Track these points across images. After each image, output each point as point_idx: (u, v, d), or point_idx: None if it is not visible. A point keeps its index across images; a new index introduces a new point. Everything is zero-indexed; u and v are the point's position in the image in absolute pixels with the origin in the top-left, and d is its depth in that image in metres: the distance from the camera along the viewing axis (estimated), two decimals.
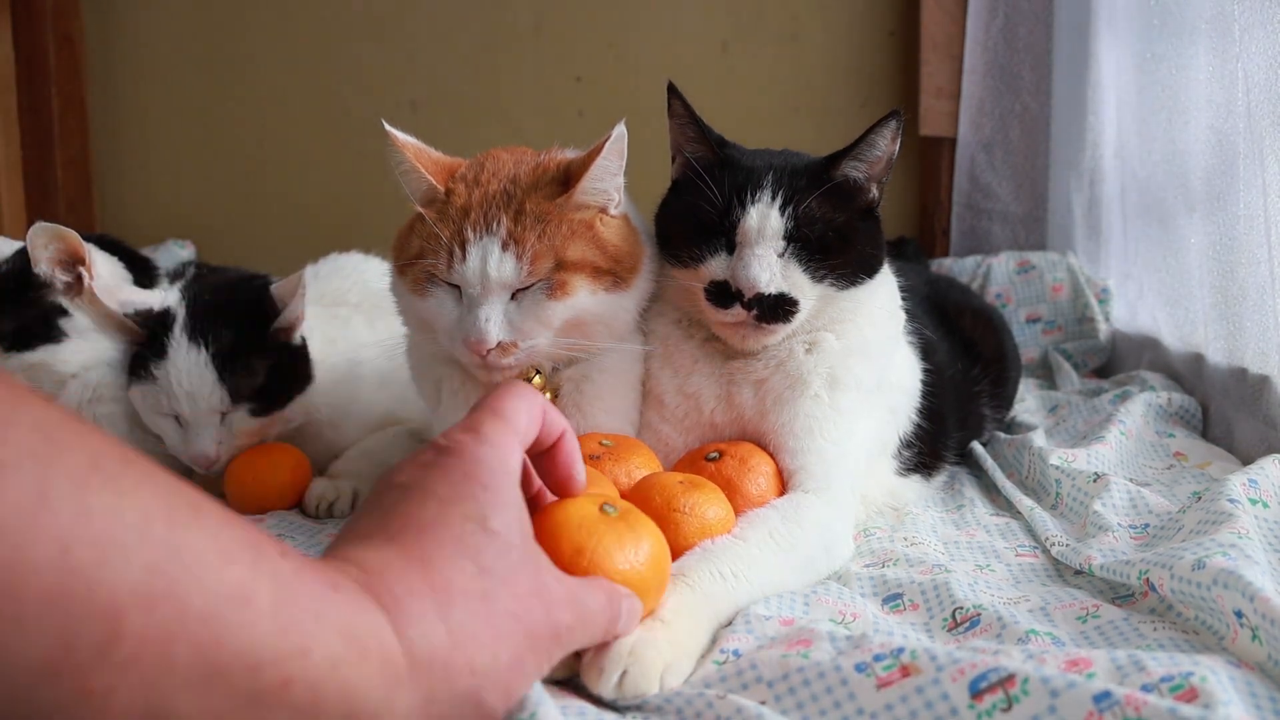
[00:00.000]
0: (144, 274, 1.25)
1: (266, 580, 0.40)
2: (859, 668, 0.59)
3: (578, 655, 0.64)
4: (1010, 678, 0.55)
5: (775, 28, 2.19)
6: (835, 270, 0.92)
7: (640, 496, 0.80)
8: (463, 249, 0.86)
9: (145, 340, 1.14)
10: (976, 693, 0.55)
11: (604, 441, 0.88)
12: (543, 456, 0.63)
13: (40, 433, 0.35)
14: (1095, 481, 1.00)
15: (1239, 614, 0.64)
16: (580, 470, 0.64)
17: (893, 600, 0.81)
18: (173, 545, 0.37)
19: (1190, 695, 0.54)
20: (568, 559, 0.63)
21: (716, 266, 0.92)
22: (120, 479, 0.37)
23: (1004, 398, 1.33)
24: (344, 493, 1.17)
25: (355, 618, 0.43)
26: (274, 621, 0.39)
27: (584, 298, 0.89)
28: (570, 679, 0.65)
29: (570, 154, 0.95)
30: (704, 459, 0.90)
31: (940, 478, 1.14)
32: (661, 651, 0.63)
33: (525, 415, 0.57)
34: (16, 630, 0.33)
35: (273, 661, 0.39)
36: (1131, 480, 1.02)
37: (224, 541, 0.39)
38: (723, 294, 0.91)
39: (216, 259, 1.64)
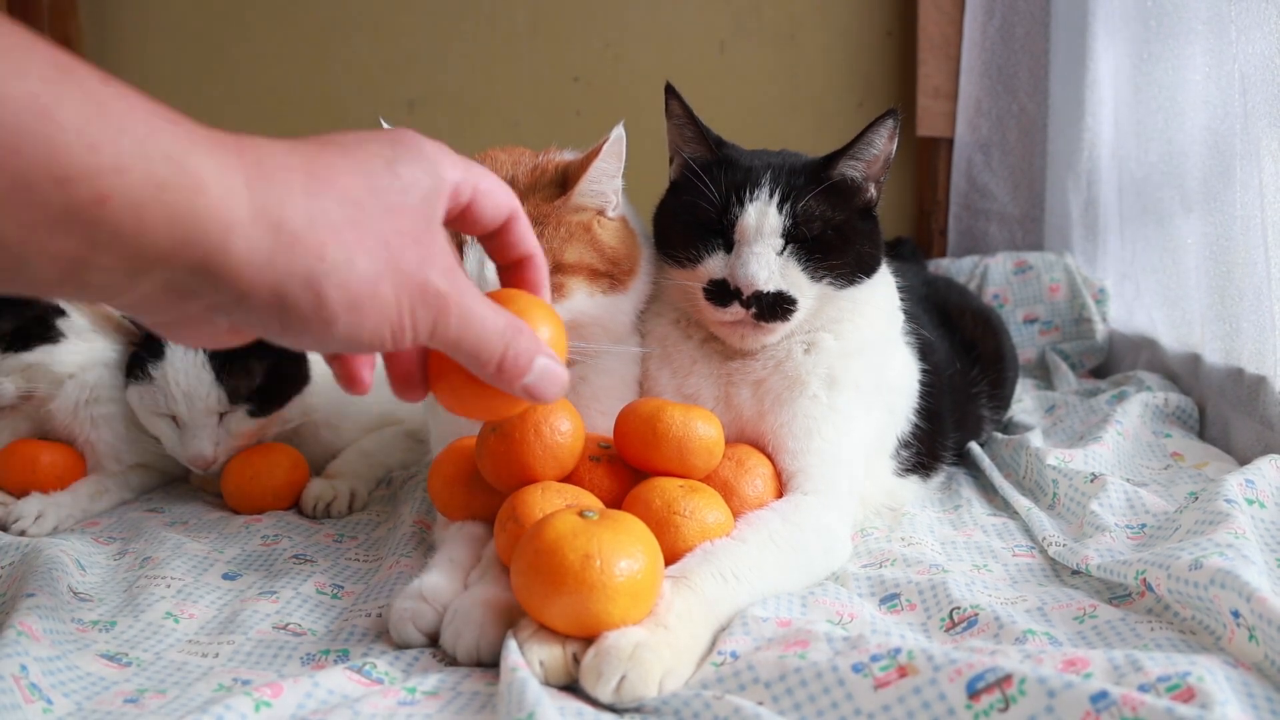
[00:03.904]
0: None
1: (73, 99, 0.39)
2: (856, 668, 0.59)
3: (576, 660, 0.65)
4: (1007, 678, 0.55)
5: (773, 28, 2.19)
6: (834, 269, 0.92)
7: (640, 500, 0.80)
8: (459, 251, 0.86)
9: (142, 341, 1.14)
10: (974, 693, 0.55)
11: (603, 444, 0.88)
12: (494, 237, 0.60)
13: None
14: (1092, 482, 1.00)
15: (1236, 614, 0.64)
16: (537, 248, 0.62)
17: (890, 600, 0.81)
18: None
19: (1187, 695, 0.54)
20: (578, 567, 0.63)
21: (715, 265, 0.92)
22: None
23: (1002, 398, 1.33)
24: (341, 493, 1.17)
25: (193, 152, 0.42)
26: (80, 137, 0.39)
27: (581, 300, 0.89)
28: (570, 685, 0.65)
29: (568, 155, 0.95)
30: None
31: (938, 478, 1.14)
32: (662, 657, 0.63)
33: (461, 169, 0.55)
34: None
35: (83, 176, 0.39)
36: (1128, 480, 1.03)
37: (19, 59, 0.38)
38: (721, 292, 0.91)
39: None
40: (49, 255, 0.39)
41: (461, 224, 0.57)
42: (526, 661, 0.63)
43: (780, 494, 0.89)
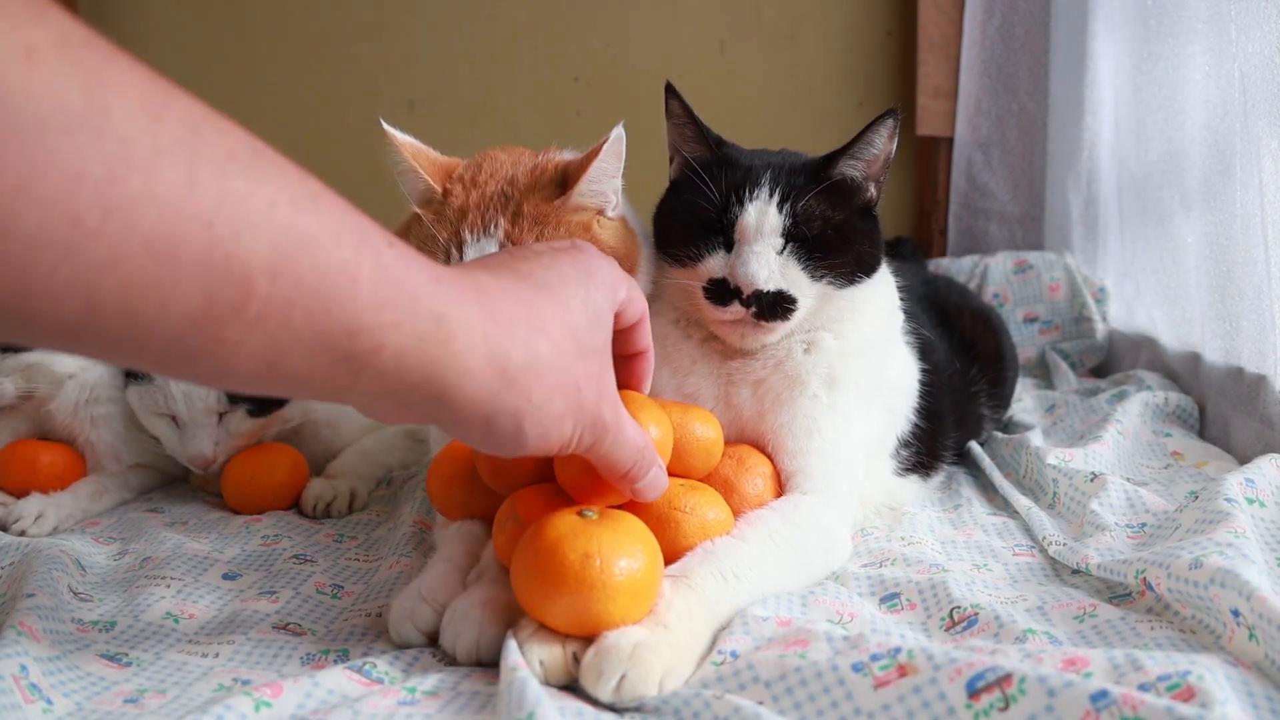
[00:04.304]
0: None
1: (369, 262, 0.46)
2: (856, 668, 0.59)
3: (576, 660, 0.65)
4: (1007, 677, 0.55)
5: (772, 28, 2.19)
6: (834, 269, 0.92)
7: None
8: (460, 251, 0.86)
9: None
10: (974, 692, 0.55)
11: None
12: (621, 334, 0.69)
13: (187, 125, 0.41)
14: (1092, 481, 1.00)
15: (1236, 613, 0.64)
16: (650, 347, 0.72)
17: (890, 600, 0.81)
18: (294, 228, 0.43)
19: (1187, 694, 0.54)
20: (578, 567, 0.63)
21: (715, 264, 0.92)
22: (252, 167, 0.43)
23: (1002, 397, 1.33)
24: (341, 493, 1.17)
25: (450, 309, 0.50)
26: (373, 298, 0.46)
27: None
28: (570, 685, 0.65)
29: (568, 155, 0.95)
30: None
31: (938, 477, 1.14)
32: (662, 656, 0.63)
33: (625, 286, 0.66)
34: (175, 287, 0.40)
35: (369, 330, 0.46)
36: (1129, 480, 1.03)
37: (335, 227, 0.45)
38: (721, 292, 0.91)
39: None
40: (322, 382, 0.47)
41: None
42: (526, 661, 0.63)
43: (780, 494, 0.89)
